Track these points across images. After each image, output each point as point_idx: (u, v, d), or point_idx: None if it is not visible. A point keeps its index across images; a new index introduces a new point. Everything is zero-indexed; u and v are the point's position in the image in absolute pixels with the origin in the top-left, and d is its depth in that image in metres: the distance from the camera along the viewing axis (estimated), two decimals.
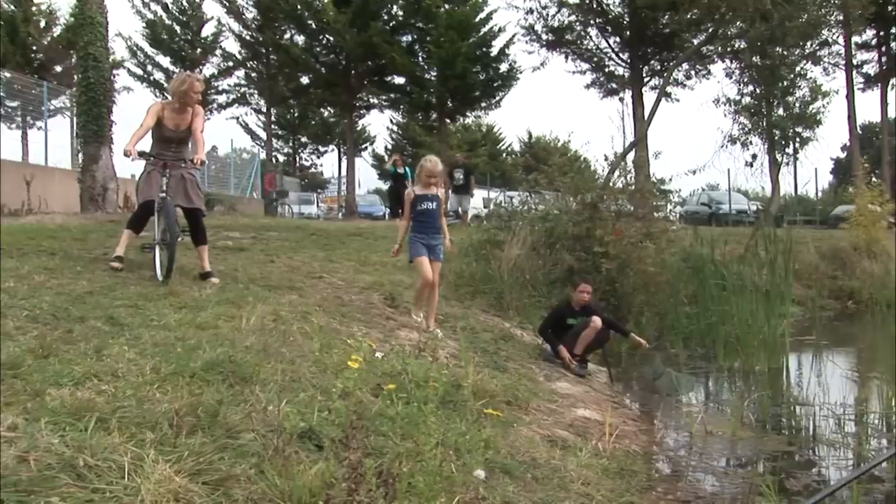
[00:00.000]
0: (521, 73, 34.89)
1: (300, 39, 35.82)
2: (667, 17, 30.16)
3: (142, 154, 7.52)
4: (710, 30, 26.37)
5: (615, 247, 11.64)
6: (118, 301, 6.04)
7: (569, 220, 12.39)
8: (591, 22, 33.35)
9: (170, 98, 7.90)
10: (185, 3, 37.17)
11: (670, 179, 15.66)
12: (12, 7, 33.58)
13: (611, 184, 14.15)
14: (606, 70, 35.43)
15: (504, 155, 62.49)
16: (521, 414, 5.77)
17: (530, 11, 32.91)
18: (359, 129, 47.05)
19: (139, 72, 37.13)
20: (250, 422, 3.37)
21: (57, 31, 35.69)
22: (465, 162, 24.53)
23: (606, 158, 16.96)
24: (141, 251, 7.92)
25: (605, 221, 12.29)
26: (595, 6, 32.74)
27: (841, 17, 26.83)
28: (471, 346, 7.35)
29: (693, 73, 33.74)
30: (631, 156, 19.52)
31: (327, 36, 34.31)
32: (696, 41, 29.01)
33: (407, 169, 22.62)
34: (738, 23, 22.26)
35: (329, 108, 43.33)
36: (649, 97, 32.05)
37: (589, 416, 6.50)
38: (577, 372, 8.35)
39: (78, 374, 3.76)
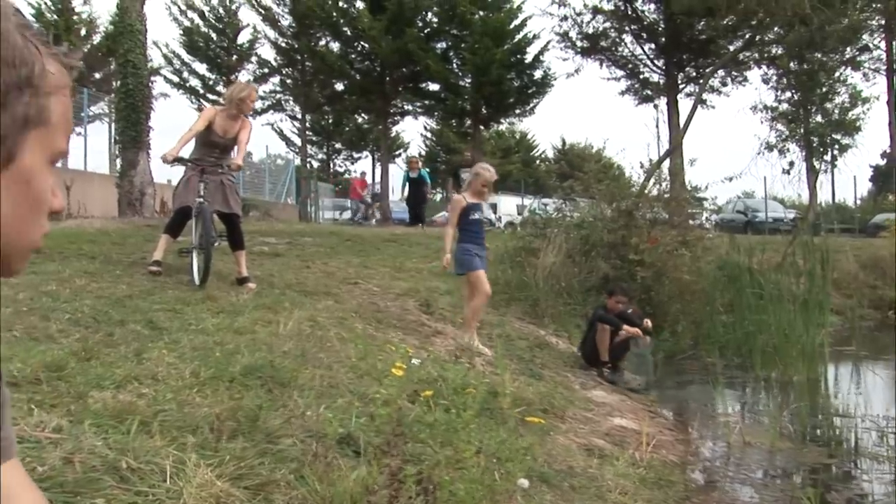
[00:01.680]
0: (555, 79, 34.77)
1: (335, 46, 35.94)
2: (702, 23, 29.90)
3: (178, 160, 7.60)
4: (747, 36, 26.19)
5: (651, 255, 11.56)
6: (157, 305, 6.11)
7: (604, 228, 12.34)
8: (626, 28, 33.15)
9: (225, 104, 7.98)
10: (221, 10, 37.44)
11: (706, 187, 15.45)
12: (55, 17, 34.11)
13: (646, 191, 14.06)
14: (641, 77, 35.16)
15: (537, 162, 62.38)
16: (557, 422, 5.74)
17: (565, 18, 32.81)
18: (393, 135, 47.13)
19: (175, 79, 37.46)
20: (290, 427, 3.38)
21: (97, 39, 36.16)
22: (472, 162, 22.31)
23: (642, 166, 16.83)
24: (178, 256, 7.99)
25: (641, 229, 12.21)
26: (630, 13, 32.55)
27: (882, 22, 26.51)
28: (506, 353, 7.33)
29: (729, 79, 33.41)
30: (666, 163, 19.41)
31: (362, 43, 34.44)
32: (732, 47, 28.78)
33: (423, 172, 21.83)
34: (775, 28, 22.09)
35: (363, 115, 43.47)
36: (684, 104, 31.81)
37: (625, 425, 6.46)
38: (610, 378, 8.30)
39: (119, 378, 3.79)
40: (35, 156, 0.87)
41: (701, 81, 29.93)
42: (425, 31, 33.71)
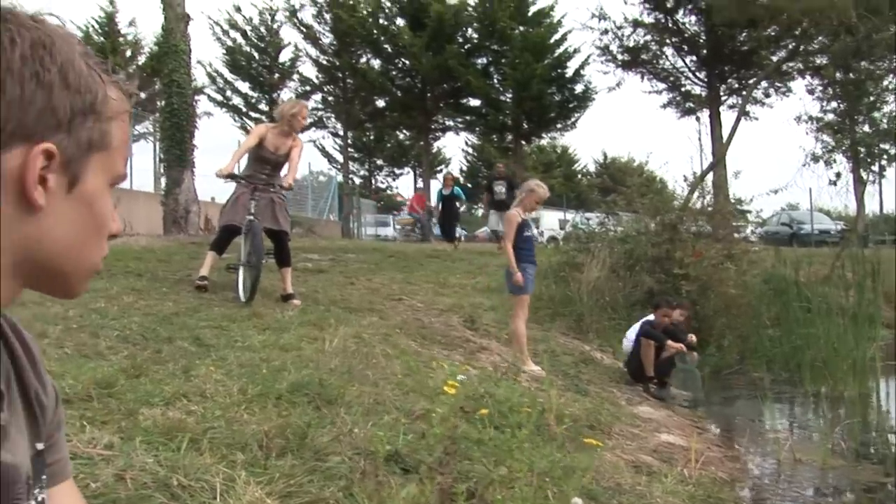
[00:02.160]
0: (596, 93, 34.79)
1: (376, 63, 36.26)
2: (744, 34, 29.65)
3: (232, 176, 7.68)
4: (791, 46, 25.90)
5: (695, 269, 11.44)
6: (203, 322, 6.15)
7: (648, 242, 12.24)
8: (667, 41, 32.98)
9: (277, 120, 8.04)
10: (263, 29, 37.89)
11: (751, 199, 15.27)
12: (101, 38, 34.78)
13: (690, 205, 13.94)
14: (683, 89, 34.93)
15: (579, 176, 62.21)
16: (603, 438, 5.68)
17: (605, 32, 32.70)
18: (434, 151, 47.27)
19: (219, 97, 37.95)
20: (338, 444, 3.37)
21: (142, 59, 36.79)
22: (507, 173, 20.18)
23: (686, 179, 16.67)
24: (226, 271, 8.04)
25: (685, 243, 12.10)
26: (671, 25, 32.39)
27: None
28: (552, 369, 7.28)
29: (773, 90, 33.05)
30: (710, 175, 19.22)
31: (403, 59, 34.73)
32: (775, 58, 28.49)
33: (457, 188, 21.32)
34: (819, 38, 21.81)
35: (405, 131, 43.74)
36: (727, 116, 31.55)
37: (673, 442, 6.38)
38: (656, 394, 8.21)
39: (168, 394, 3.82)
40: (97, 179, 0.90)
41: (744, 93, 29.62)
42: (466, 47, 33.89)
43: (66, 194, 0.87)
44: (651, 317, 8.87)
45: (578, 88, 34.44)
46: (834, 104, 32.30)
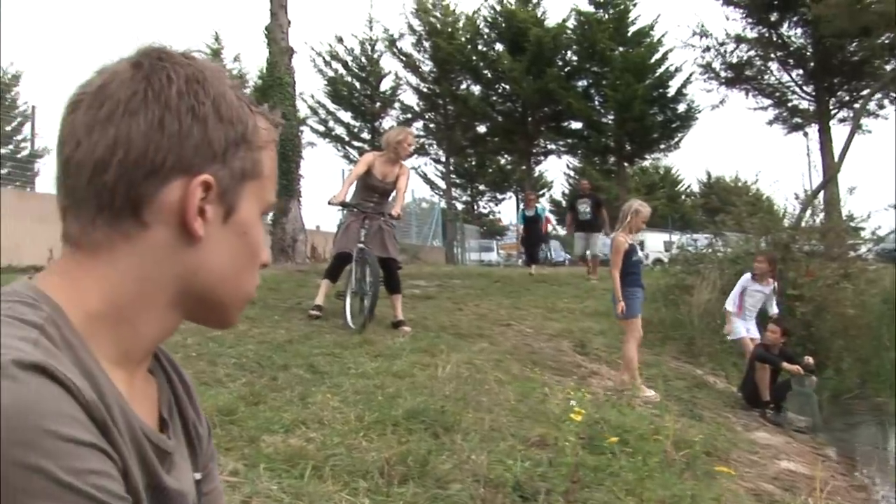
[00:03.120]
0: (699, 112, 34.16)
1: (476, 89, 36.44)
2: (855, 43, 28.68)
3: (345, 204, 7.82)
4: None
5: (810, 289, 11.06)
6: (316, 349, 6.24)
7: None
8: (772, 55, 32.14)
9: (383, 148, 8.17)
10: (364, 59, 38.48)
11: (867, 216, 14.73)
12: None
13: (802, 223, 13.53)
14: (790, 105, 33.97)
15: (683, 197, 61.12)
16: (722, 465, 5.51)
17: (707, 49, 32.09)
18: (536, 175, 47.16)
19: (321, 128, 38.64)
20: (459, 472, 3.35)
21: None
22: (592, 190, 18.00)
23: (797, 197, 16.16)
24: (336, 298, 8.14)
25: (798, 262, 11.73)
26: (775, 39, 31.59)
27: None
28: (665, 394, 7.13)
29: (887, 101, 31.81)
30: (822, 193, 18.64)
31: (503, 84, 34.81)
32: (889, 67, 27.48)
33: (540, 209, 19.79)
34: None
35: (506, 156, 43.76)
36: (837, 130, 30.54)
37: (794, 469, 6.15)
38: (773, 419, 7.96)
39: (287, 422, 3.87)
40: (251, 208, 0.91)
41: (856, 106, 28.62)
42: (565, 70, 33.76)
43: (223, 224, 0.88)
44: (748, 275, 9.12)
45: (681, 108, 33.90)
46: None
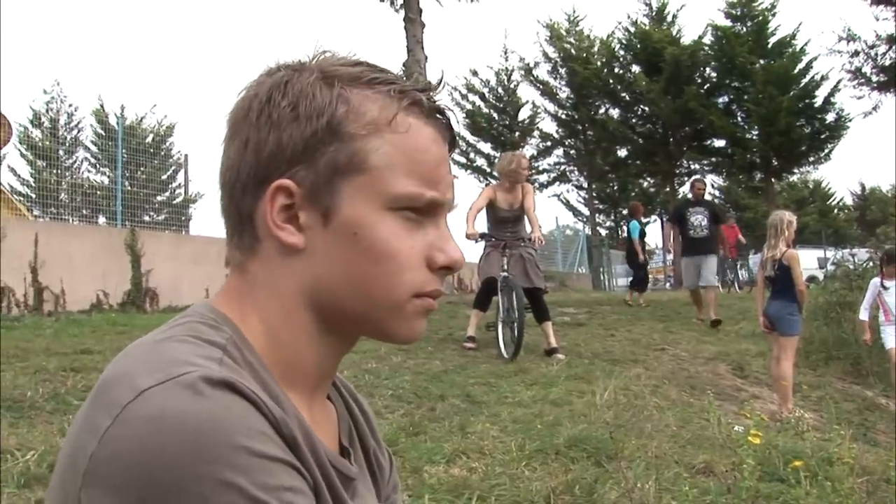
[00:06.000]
0: (850, 121, 32.66)
1: (615, 112, 36.08)
2: None
3: (483, 236, 7.83)
4: None
5: None
6: (472, 379, 6.25)
7: None
8: None
9: (500, 179, 8.18)
10: (500, 90, 38.74)
11: None
12: None
13: None
14: None
15: (835, 211, 58.60)
16: None
17: (856, 54, 30.69)
18: (680, 196, 46.32)
19: (462, 160, 39.01)
20: (627, 501, 3.26)
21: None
22: (704, 195, 12.97)
23: None
24: (486, 330, 8.16)
25: None
26: None
27: None
28: (833, 416, 6.77)
29: None
30: None
31: (642, 106, 34.35)
32: None
33: (634, 223, 15.49)
34: None
35: (649, 178, 43.08)
36: None
37: None
38: None
39: (448, 452, 3.87)
40: (358, 205, 0.81)
41: None
42: (705, 87, 33.03)
43: (324, 228, 0.81)
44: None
45: (830, 117, 32.44)
46: None
